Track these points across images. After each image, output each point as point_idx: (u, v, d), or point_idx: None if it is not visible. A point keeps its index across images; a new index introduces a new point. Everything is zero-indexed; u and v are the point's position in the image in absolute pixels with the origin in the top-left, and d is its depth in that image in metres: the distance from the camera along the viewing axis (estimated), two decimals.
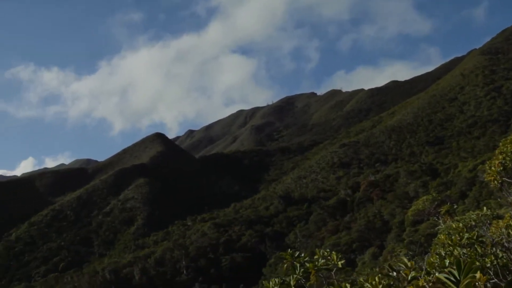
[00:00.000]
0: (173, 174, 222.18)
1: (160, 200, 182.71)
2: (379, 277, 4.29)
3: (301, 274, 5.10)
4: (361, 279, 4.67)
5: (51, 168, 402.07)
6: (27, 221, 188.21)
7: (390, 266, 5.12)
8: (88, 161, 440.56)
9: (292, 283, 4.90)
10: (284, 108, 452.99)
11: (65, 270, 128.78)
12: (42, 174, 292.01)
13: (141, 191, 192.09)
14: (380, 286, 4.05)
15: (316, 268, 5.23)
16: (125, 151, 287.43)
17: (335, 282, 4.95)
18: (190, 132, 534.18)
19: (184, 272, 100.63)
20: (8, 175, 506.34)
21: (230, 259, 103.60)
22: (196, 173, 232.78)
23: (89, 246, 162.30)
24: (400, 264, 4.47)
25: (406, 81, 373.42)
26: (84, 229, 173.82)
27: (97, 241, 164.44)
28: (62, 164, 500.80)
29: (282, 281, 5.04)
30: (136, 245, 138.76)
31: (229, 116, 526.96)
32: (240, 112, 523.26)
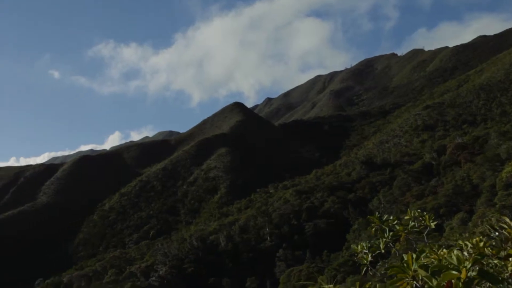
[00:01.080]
0: (253, 142, 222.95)
1: (242, 169, 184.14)
2: (479, 238, 3.86)
3: (390, 238, 4.84)
4: (460, 242, 4.20)
5: (137, 141, 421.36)
6: (118, 192, 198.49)
7: (491, 226, 4.99)
8: (171, 132, 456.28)
9: (381, 246, 4.71)
10: (364, 71, 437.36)
11: (155, 238, 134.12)
12: (128, 147, 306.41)
13: (222, 160, 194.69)
14: (481, 244, 3.66)
15: (406, 230, 5.00)
16: (205, 122, 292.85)
17: (427, 245, 4.31)
18: (268, 100, 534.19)
19: (268, 238, 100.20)
20: (98, 149, 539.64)
21: (313, 226, 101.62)
22: (276, 140, 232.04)
23: (176, 214, 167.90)
24: (502, 224, 4.02)
25: (495, 36, 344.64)
26: (170, 198, 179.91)
27: (183, 209, 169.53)
28: (146, 137, 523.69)
29: (370, 244, 4.82)
30: (221, 213, 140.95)
31: (306, 82, 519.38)
32: (318, 77, 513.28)
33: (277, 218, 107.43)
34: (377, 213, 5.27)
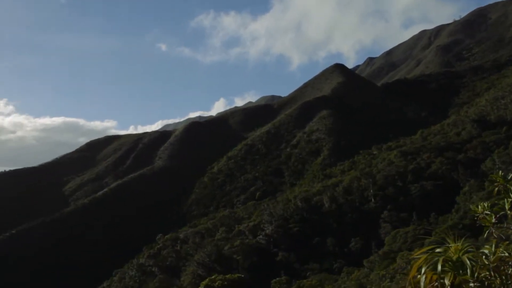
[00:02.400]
0: (355, 103, 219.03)
1: (344, 131, 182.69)
2: None
3: None
4: None
5: (240, 106, 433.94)
6: (225, 155, 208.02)
7: None
8: (273, 97, 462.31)
9: (506, 207, 4.17)
10: (475, 22, 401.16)
11: (261, 198, 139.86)
12: (233, 113, 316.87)
13: (325, 122, 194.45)
14: None
15: None
16: (306, 85, 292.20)
17: None
18: (370, 60, 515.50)
19: (372, 200, 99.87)
20: (205, 115, 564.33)
21: (420, 187, 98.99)
22: (378, 101, 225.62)
23: (280, 176, 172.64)
24: None
25: None
26: (274, 161, 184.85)
27: (287, 171, 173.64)
28: (250, 102, 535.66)
29: (492, 204, 4.36)
30: (324, 175, 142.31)
31: (410, 39, 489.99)
32: (423, 32, 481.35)
33: (381, 180, 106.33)
34: (500, 171, 4.89)
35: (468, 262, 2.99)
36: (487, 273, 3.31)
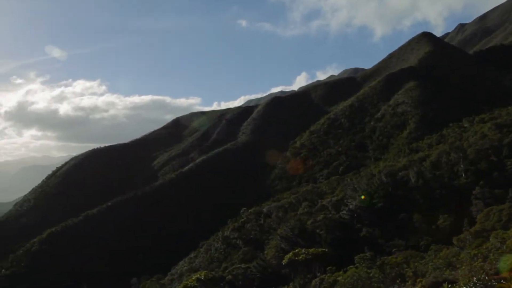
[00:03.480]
0: (444, 74, 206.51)
1: (432, 103, 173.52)
2: None
3: None
4: None
5: (323, 80, 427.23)
6: (308, 129, 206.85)
7: None
8: (356, 70, 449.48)
9: None
10: None
11: (344, 173, 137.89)
12: (315, 87, 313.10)
13: (411, 94, 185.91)
14: None
15: None
16: (391, 56, 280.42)
17: None
18: (461, 26, 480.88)
19: (463, 175, 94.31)
20: (287, 90, 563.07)
21: None
22: (471, 70, 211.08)
23: (364, 151, 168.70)
24: None
25: None
26: (358, 135, 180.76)
27: (372, 146, 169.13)
28: (332, 76, 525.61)
29: None
30: (410, 149, 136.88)
31: (507, 1, 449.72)
32: None
33: (473, 154, 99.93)
34: None
35: None
36: None
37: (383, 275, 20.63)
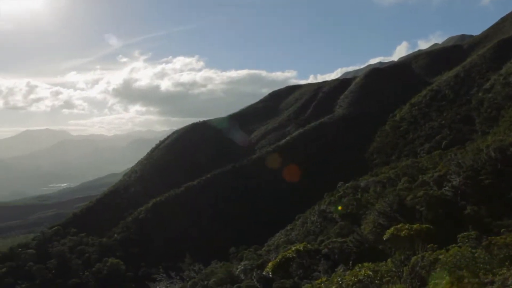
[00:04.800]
0: None
1: None
2: None
3: None
4: None
5: (425, 49, 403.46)
6: (408, 102, 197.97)
7: None
8: (462, 37, 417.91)
9: None
10: None
11: (447, 148, 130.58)
12: (417, 57, 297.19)
13: None
14: None
15: None
16: (503, 20, 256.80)
17: None
18: None
19: None
20: (386, 61, 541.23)
21: None
22: None
23: (470, 124, 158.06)
24: None
25: None
26: (463, 107, 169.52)
27: (479, 118, 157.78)
28: (435, 44, 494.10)
29: None
30: None
31: None
32: None
33: None
34: None
35: None
36: None
37: (489, 256, 19.34)
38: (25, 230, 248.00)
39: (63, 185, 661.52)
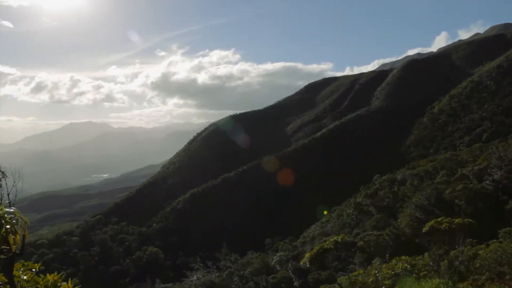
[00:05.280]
0: None
1: None
2: None
3: None
4: None
5: (465, 39, 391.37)
6: (448, 94, 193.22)
7: None
8: (506, 25, 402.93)
9: None
10: None
11: (488, 141, 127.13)
12: (457, 47, 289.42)
13: None
14: None
15: None
16: None
17: None
18: None
19: None
20: (424, 52, 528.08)
21: None
22: None
23: None
24: None
25: None
26: (506, 98, 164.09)
27: None
28: (477, 34, 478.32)
29: None
30: None
31: None
32: None
33: None
34: None
35: None
36: None
37: None
38: (70, 218, 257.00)
39: (104, 175, 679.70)
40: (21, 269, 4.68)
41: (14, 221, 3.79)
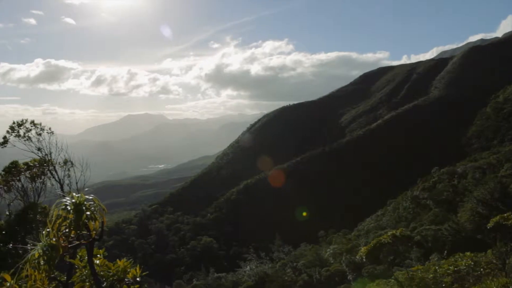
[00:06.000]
0: None
1: None
2: None
3: None
4: None
5: None
6: None
7: None
8: None
9: None
10: None
11: None
12: None
13: None
14: None
15: None
16: None
17: None
18: None
19: None
20: (488, 38, 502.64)
21: None
22: None
23: None
24: None
25: None
26: None
27: None
28: None
29: None
30: None
31: None
32: None
33: None
34: None
35: None
36: None
37: None
38: (128, 207, 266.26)
39: (160, 166, 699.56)
40: (78, 255, 4.96)
41: (92, 208, 4.06)
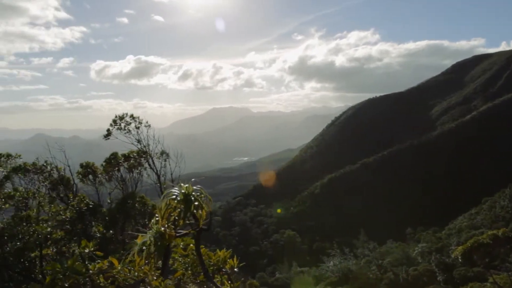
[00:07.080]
0: None
1: None
2: None
3: None
4: None
5: None
6: None
7: None
8: None
9: None
10: None
11: None
12: None
13: None
14: None
15: None
16: None
17: None
18: None
19: None
20: None
21: None
22: None
23: None
24: None
25: None
26: None
27: None
28: None
29: None
30: None
31: None
32: None
33: None
34: None
35: None
36: None
37: None
38: (213, 198, 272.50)
39: (244, 159, 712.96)
40: (181, 244, 5.20)
41: (201, 198, 4.12)
